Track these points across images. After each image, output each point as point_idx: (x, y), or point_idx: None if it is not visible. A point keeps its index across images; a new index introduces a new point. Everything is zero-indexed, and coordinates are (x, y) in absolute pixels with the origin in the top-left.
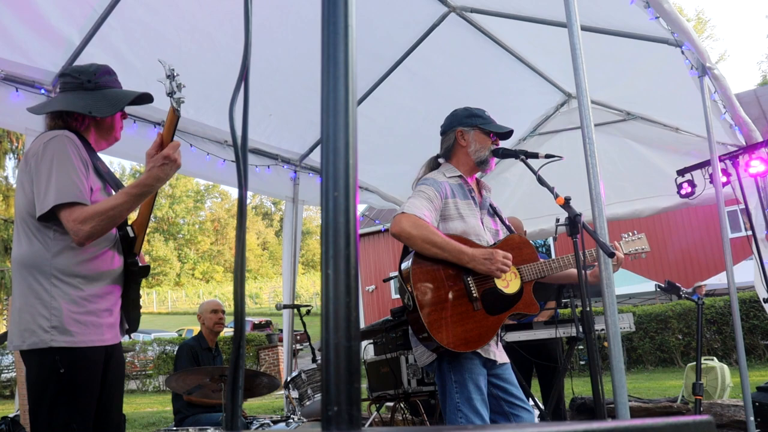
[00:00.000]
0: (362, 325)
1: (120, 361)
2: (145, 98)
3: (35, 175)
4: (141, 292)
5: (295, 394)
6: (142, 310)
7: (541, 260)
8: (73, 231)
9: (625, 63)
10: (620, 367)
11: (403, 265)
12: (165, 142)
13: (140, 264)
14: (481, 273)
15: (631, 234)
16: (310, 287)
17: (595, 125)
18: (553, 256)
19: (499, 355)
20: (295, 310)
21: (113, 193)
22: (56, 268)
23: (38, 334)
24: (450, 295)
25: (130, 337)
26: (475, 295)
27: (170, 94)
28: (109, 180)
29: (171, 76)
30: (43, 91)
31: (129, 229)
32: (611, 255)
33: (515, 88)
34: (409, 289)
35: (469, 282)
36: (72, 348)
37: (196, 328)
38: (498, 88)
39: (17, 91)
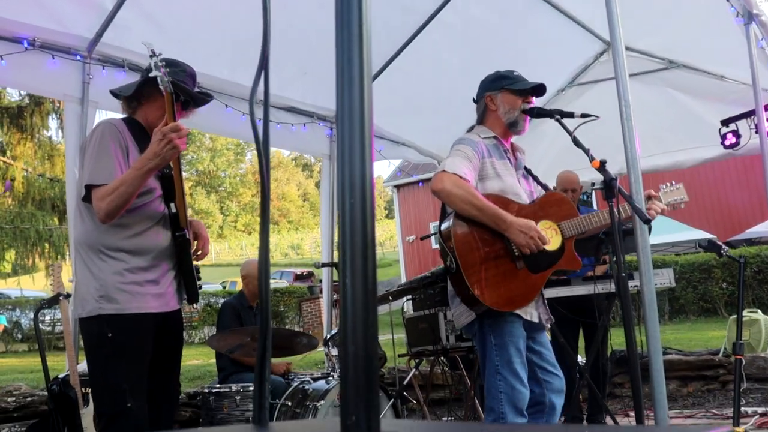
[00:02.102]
0: (402, 278)
1: (175, 329)
2: (201, 96)
3: (83, 161)
4: None
5: (334, 351)
6: None
7: (580, 216)
8: (96, 210)
9: (667, 9)
10: (655, 330)
11: (444, 227)
12: (167, 120)
13: (186, 237)
14: (513, 242)
15: (669, 185)
16: None
17: (636, 74)
18: (595, 206)
19: (542, 317)
20: (335, 268)
21: (155, 173)
22: (103, 244)
23: (91, 303)
24: (492, 255)
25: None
26: (517, 253)
27: (159, 75)
28: None
29: (153, 56)
30: (78, 57)
31: (172, 205)
32: (647, 221)
33: (553, 38)
34: (451, 250)
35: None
36: (118, 314)
37: (239, 281)
38: (535, 39)
39: (53, 58)
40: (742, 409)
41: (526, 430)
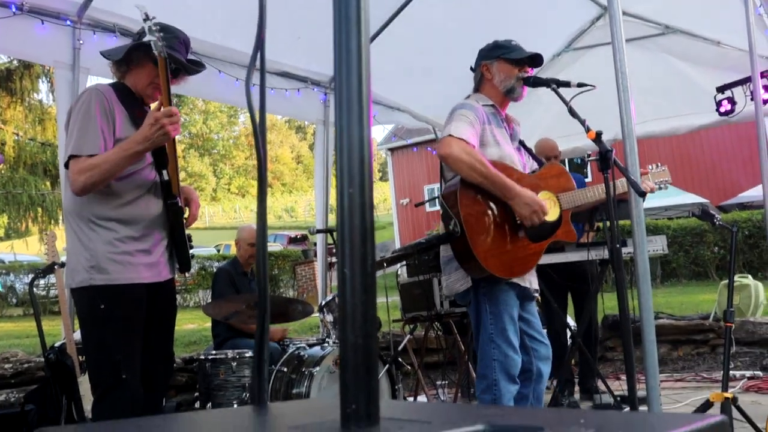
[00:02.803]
0: (396, 240)
1: (167, 298)
2: (192, 66)
3: (67, 129)
4: None
5: (329, 318)
6: None
7: (578, 189)
8: (71, 180)
9: None
10: (648, 301)
11: (448, 191)
12: (162, 102)
13: (179, 204)
14: (516, 213)
15: (656, 166)
16: None
17: (632, 39)
18: (590, 176)
19: (534, 282)
20: (329, 234)
21: None
22: (92, 213)
23: (81, 273)
24: (496, 223)
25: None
26: (519, 222)
27: (152, 40)
28: None
29: (146, 19)
30: (68, 22)
31: (164, 172)
32: (642, 194)
33: (549, 2)
34: (456, 215)
35: None
36: (110, 285)
37: (234, 244)
38: (532, 3)
39: (43, 23)
40: (731, 372)
41: (515, 414)
